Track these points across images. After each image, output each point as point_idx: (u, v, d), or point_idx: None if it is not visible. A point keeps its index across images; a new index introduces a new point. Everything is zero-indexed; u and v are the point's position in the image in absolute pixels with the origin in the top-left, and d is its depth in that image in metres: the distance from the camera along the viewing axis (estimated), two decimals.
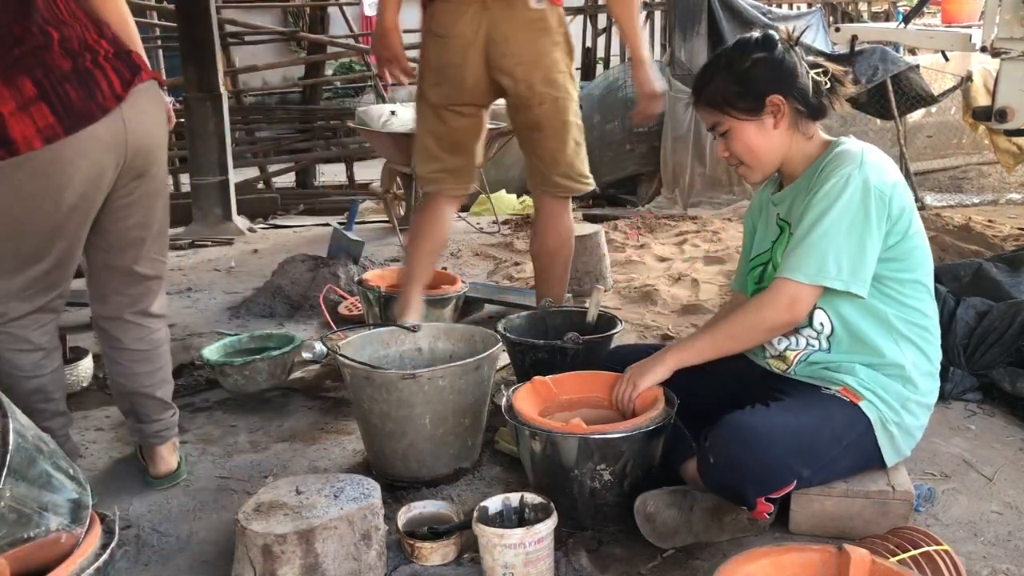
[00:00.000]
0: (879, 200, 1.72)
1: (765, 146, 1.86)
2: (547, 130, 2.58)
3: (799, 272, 1.74)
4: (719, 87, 1.86)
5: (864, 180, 1.72)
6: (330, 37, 8.88)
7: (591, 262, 3.79)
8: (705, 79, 1.90)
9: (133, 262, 2.07)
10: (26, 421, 1.53)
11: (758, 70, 1.82)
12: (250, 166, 7.72)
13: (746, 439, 1.67)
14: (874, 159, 1.78)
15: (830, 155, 1.82)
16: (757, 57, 1.83)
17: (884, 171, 1.77)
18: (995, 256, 3.12)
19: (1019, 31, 3.61)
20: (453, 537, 1.78)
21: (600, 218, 5.50)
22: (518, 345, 2.50)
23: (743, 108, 1.84)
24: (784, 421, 1.72)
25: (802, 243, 1.75)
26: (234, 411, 2.66)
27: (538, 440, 1.82)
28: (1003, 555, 1.75)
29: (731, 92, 1.84)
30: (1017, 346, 2.46)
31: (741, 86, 1.83)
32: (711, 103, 1.88)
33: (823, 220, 1.72)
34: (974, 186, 6.78)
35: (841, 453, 1.77)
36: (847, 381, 1.80)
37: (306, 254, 3.91)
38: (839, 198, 1.72)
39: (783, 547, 1.34)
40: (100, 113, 1.82)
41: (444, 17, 2.48)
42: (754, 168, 1.90)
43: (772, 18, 6.15)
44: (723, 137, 1.89)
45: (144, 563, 1.83)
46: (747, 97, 1.83)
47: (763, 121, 1.84)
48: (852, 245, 1.72)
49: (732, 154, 1.90)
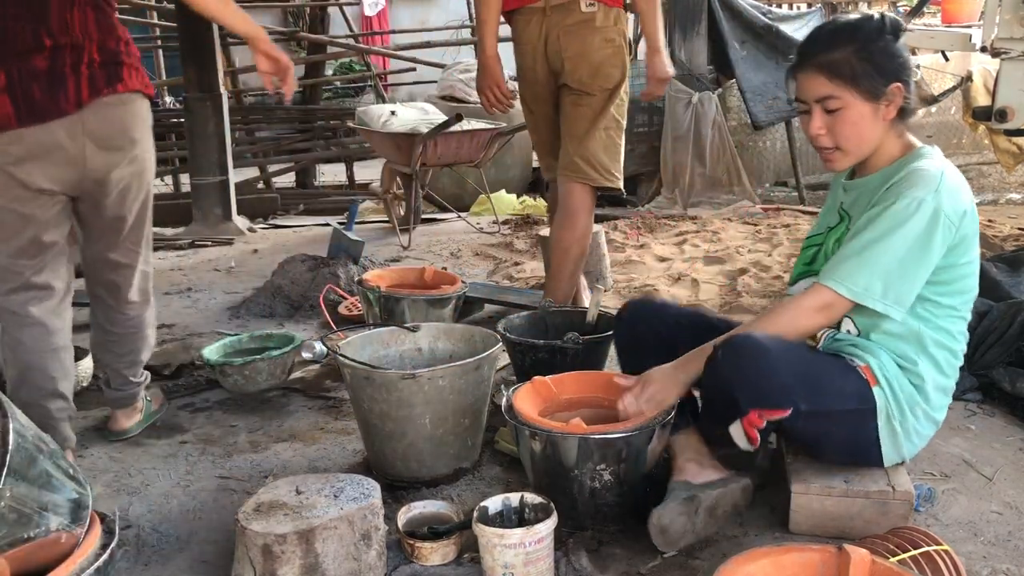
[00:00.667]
0: (946, 229, 1.70)
1: (871, 133, 1.78)
2: (585, 115, 2.79)
3: (844, 285, 1.72)
4: (848, 58, 1.74)
5: (936, 208, 1.68)
6: (330, 37, 8.88)
7: (591, 262, 3.78)
8: (830, 45, 1.77)
9: (108, 250, 2.24)
10: (26, 421, 1.53)
11: (889, 53, 1.75)
12: (250, 166, 7.71)
13: (757, 351, 1.68)
14: (951, 183, 1.73)
15: (910, 164, 1.77)
16: (889, 40, 1.75)
17: (958, 198, 1.73)
18: (995, 256, 3.12)
19: (1019, 31, 3.61)
20: (453, 537, 1.78)
21: (600, 218, 5.49)
22: (518, 345, 2.50)
23: (868, 88, 1.74)
24: (800, 352, 1.77)
25: (856, 257, 1.72)
26: (234, 411, 2.66)
27: (538, 440, 1.82)
28: (1003, 555, 1.75)
29: (862, 68, 1.73)
30: (1017, 346, 2.46)
31: (874, 65, 1.74)
32: (834, 72, 1.75)
33: (883, 240, 1.69)
34: (974, 186, 6.78)
35: (841, 414, 1.76)
36: (870, 361, 1.79)
37: (306, 254, 3.91)
38: (906, 223, 1.68)
39: (783, 547, 1.34)
40: (56, 115, 1.94)
41: (517, 27, 2.83)
42: (849, 154, 1.82)
43: (772, 18, 6.14)
44: (828, 113, 1.77)
45: (144, 563, 1.83)
46: (876, 78, 1.74)
47: (879, 107, 1.76)
48: (905, 272, 1.70)
49: (832, 134, 1.79)
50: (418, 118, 5.24)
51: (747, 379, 1.68)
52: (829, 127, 1.78)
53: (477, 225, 5.53)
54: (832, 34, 1.80)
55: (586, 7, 2.69)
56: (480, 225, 5.53)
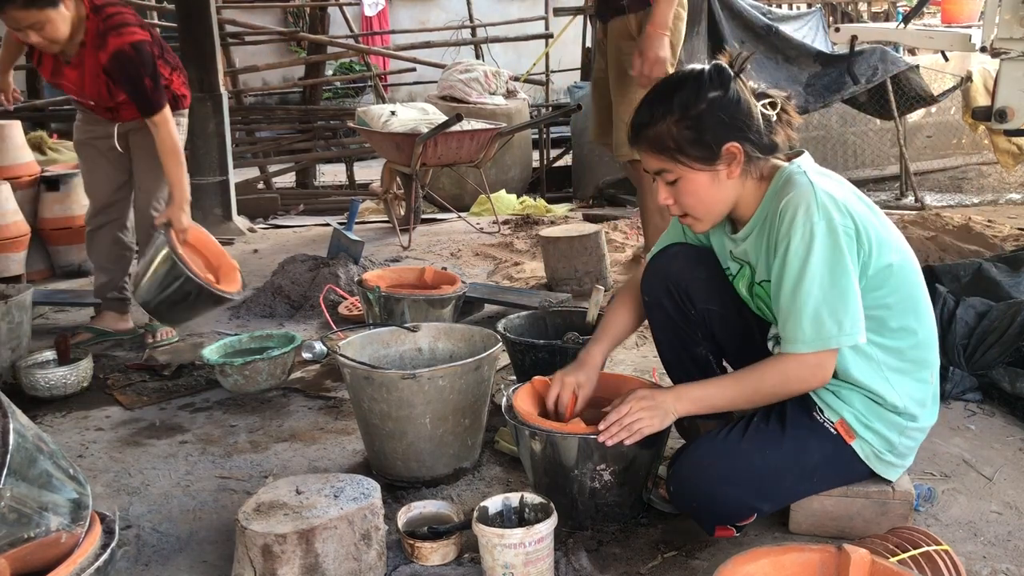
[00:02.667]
0: (847, 237, 1.60)
1: (717, 196, 1.70)
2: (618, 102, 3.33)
3: (801, 343, 1.62)
4: (669, 130, 1.66)
5: (827, 222, 1.59)
6: (330, 37, 8.87)
7: (591, 262, 3.79)
8: (650, 117, 1.69)
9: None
10: (26, 421, 1.53)
11: (714, 113, 1.64)
12: (250, 166, 7.71)
13: (705, 476, 1.68)
14: (824, 187, 1.63)
15: (779, 190, 1.67)
16: (713, 97, 1.64)
17: (837, 198, 1.62)
18: (995, 256, 3.12)
19: (1019, 31, 3.62)
20: (453, 537, 1.78)
21: (600, 218, 5.50)
22: (518, 345, 2.50)
23: (696, 156, 1.66)
24: (748, 461, 1.68)
25: (792, 312, 1.62)
26: (234, 411, 2.67)
27: (538, 440, 1.82)
28: (1003, 555, 1.76)
29: (684, 138, 1.65)
30: (1017, 346, 2.46)
31: (696, 132, 1.64)
32: (658, 147, 1.68)
33: (803, 282, 1.60)
34: (974, 186, 6.78)
35: (811, 485, 1.76)
36: (844, 415, 1.71)
37: (306, 254, 3.91)
38: (810, 252, 1.59)
39: (783, 547, 1.34)
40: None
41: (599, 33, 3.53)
42: (703, 220, 1.75)
43: (772, 18, 6.14)
44: (669, 185, 1.72)
45: (144, 563, 1.83)
46: (702, 145, 1.65)
47: (717, 171, 1.67)
48: (839, 293, 1.59)
49: (678, 204, 1.73)
50: (418, 118, 5.24)
51: (701, 507, 1.72)
52: (675, 197, 1.72)
53: (477, 225, 5.53)
54: (651, 105, 1.70)
55: (630, 17, 3.28)
56: (480, 225, 5.53)
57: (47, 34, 2.80)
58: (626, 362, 2.95)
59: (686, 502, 1.74)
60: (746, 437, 1.71)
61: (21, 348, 2.94)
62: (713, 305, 1.89)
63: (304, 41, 9.66)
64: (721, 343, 1.95)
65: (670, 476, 1.75)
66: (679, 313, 1.91)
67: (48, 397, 2.73)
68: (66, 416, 2.66)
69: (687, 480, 1.71)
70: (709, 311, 1.89)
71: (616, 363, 2.91)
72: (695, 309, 1.90)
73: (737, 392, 1.71)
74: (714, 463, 1.69)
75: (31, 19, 2.75)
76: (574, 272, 3.79)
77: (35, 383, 2.72)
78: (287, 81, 10.45)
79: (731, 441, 1.71)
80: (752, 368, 1.72)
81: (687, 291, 1.88)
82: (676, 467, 1.74)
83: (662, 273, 1.91)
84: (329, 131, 8.08)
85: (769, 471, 1.70)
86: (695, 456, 1.72)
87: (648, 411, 1.72)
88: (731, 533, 1.77)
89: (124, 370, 3.01)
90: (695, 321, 1.91)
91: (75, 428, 2.56)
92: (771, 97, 1.69)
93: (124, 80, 2.90)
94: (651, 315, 1.98)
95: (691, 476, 1.70)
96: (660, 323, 1.97)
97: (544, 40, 9.03)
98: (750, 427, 1.72)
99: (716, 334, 1.93)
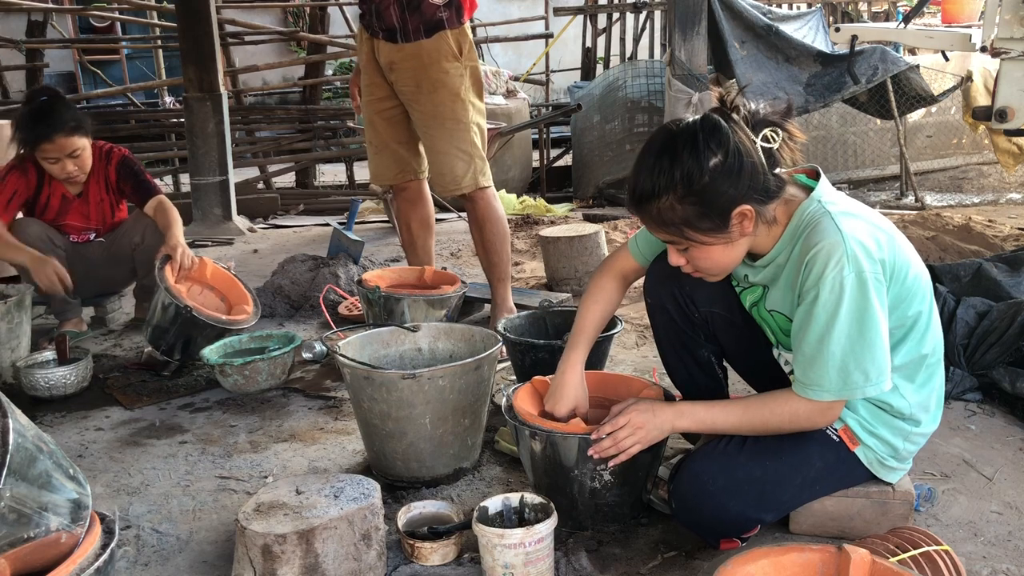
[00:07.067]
0: (877, 285, 1.55)
1: (733, 256, 1.65)
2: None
3: (824, 391, 1.59)
4: (673, 207, 1.56)
5: (858, 274, 1.53)
6: (330, 37, 8.87)
7: (591, 262, 3.79)
8: (651, 189, 1.57)
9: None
10: (26, 421, 1.53)
11: (718, 184, 1.53)
12: (250, 166, 7.70)
13: (706, 492, 1.67)
14: (852, 231, 1.55)
15: (803, 233, 1.61)
16: (714, 166, 1.52)
17: (867, 245, 1.55)
18: (995, 256, 3.12)
19: (1019, 31, 3.62)
20: (453, 537, 1.78)
21: (600, 218, 5.50)
22: (518, 345, 2.50)
23: (706, 229, 1.58)
24: (748, 472, 1.67)
25: (818, 360, 1.57)
26: (234, 411, 2.66)
27: (538, 440, 1.82)
28: (1003, 555, 1.75)
29: (690, 214, 1.56)
30: (1017, 346, 2.46)
31: (702, 206, 1.55)
32: (664, 223, 1.59)
33: (832, 334, 1.55)
34: (974, 186, 6.78)
35: (813, 492, 1.76)
36: (848, 422, 1.72)
37: (306, 254, 3.91)
38: (839, 306, 1.54)
39: (783, 547, 1.34)
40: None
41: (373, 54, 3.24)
42: (718, 276, 1.74)
43: (772, 18, 6.14)
44: (681, 252, 1.67)
45: (144, 563, 1.83)
46: (710, 218, 1.56)
47: (728, 235, 1.60)
48: (867, 345, 1.55)
49: (692, 265, 1.69)
50: None
51: (704, 523, 1.72)
52: (688, 259, 1.68)
53: None
54: (649, 174, 1.57)
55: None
56: None
57: (82, 162, 3.15)
58: (626, 362, 2.95)
59: (689, 518, 1.73)
60: (745, 449, 1.69)
61: (21, 348, 2.95)
62: (717, 308, 1.88)
63: (304, 41, 9.67)
64: (723, 345, 1.94)
65: (671, 493, 1.74)
66: (682, 316, 1.91)
67: (48, 397, 2.73)
68: (66, 416, 2.66)
69: (688, 496, 1.70)
70: (712, 314, 1.89)
71: (616, 363, 2.91)
72: (698, 312, 1.89)
73: (743, 421, 1.68)
74: (715, 478, 1.67)
75: (73, 146, 3.07)
76: (574, 272, 3.80)
77: (35, 383, 2.72)
78: (287, 81, 10.46)
79: (730, 453, 1.69)
80: (762, 399, 1.70)
81: (691, 295, 1.88)
82: (676, 483, 1.72)
83: (666, 277, 1.90)
84: (329, 131, 8.07)
85: (770, 482, 1.69)
86: (694, 470, 1.70)
87: (643, 429, 1.70)
88: (736, 545, 1.76)
89: (124, 370, 3.01)
90: (698, 324, 1.91)
91: (75, 428, 2.56)
92: (771, 123, 1.57)
93: (130, 176, 3.31)
94: (654, 318, 1.98)
95: (691, 492, 1.69)
96: (663, 325, 1.97)
97: (544, 40, 9.04)
98: (749, 437, 1.71)
99: (719, 336, 1.92)
